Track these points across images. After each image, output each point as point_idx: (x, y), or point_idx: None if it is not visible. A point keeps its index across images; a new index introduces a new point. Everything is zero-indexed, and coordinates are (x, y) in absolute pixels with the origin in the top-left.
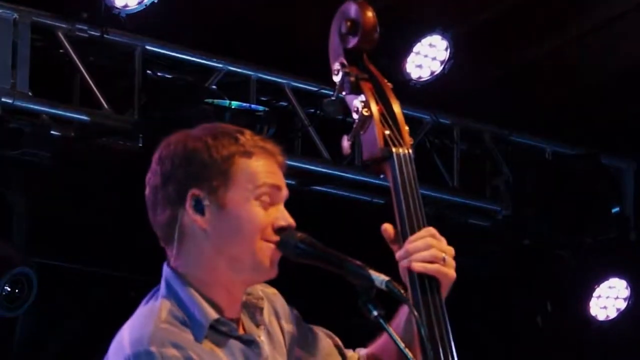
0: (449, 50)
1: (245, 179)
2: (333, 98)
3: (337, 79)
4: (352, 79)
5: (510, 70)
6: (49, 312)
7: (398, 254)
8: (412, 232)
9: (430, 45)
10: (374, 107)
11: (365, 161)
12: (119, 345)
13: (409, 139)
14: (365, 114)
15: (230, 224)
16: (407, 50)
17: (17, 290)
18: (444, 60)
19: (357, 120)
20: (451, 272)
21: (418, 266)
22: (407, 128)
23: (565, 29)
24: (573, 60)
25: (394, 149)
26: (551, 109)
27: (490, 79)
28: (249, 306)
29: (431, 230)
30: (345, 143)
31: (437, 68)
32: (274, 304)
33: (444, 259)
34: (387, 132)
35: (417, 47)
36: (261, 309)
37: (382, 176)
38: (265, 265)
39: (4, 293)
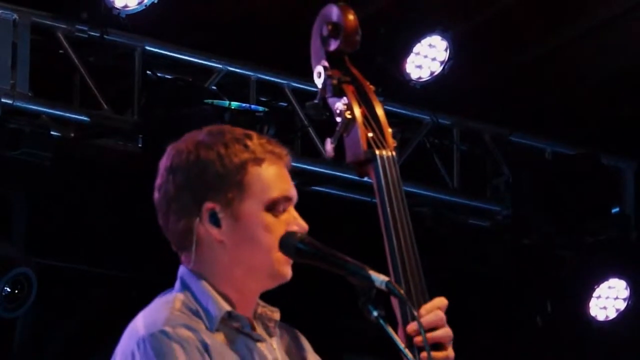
0: (448, 51)
1: (259, 190)
2: (316, 101)
3: (319, 82)
4: (335, 81)
5: (509, 70)
6: (49, 312)
7: (410, 327)
8: (397, 235)
9: (430, 45)
10: (357, 110)
11: (349, 164)
12: (133, 330)
13: (392, 141)
14: (348, 116)
15: (247, 236)
16: (407, 50)
17: (17, 291)
18: (444, 60)
19: (340, 123)
20: (452, 355)
21: (436, 355)
22: (390, 130)
23: (565, 29)
24: (573, 61)
25: (377, 151)
26: (551, 109)
27: (490, 80)
28: (264, 317)
29: (444, 302)
30: (329, 146)
31: (437, 68)
32: (298, 343)
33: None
34: (370, 134)
35: (417, 48)
36: (276, 321)
37: (365, 178)
38: (281, 273)
39: (4, 293)
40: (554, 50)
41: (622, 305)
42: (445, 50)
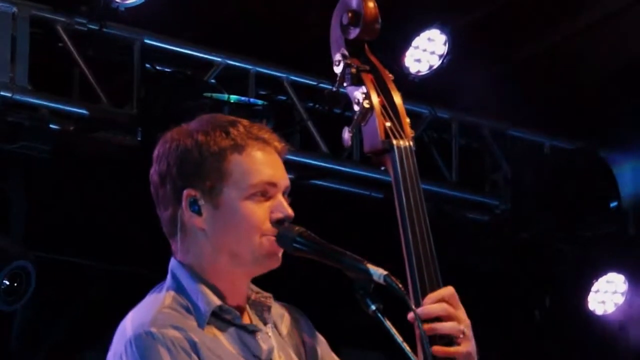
0: (447, 45)
1: (238, 178)
2: (334, 89)
3: (338, 70)
4: (353, 70)
5: (509, 64)
6: (47, 305)
7: (409, 315)
8: (413, 225)
9: (429, 39)
10: (375, 99)
11: (366, 153)
12: (122, 331)
13: (410, 131)
14: (366, 105)
15: (227, 223)
16: (406, 44)
17: (15, 284)
18: (443, 54)
19: (358, 112)
20: (469, 348)
21: (437, 349)
22: (408, 120)
23: (565, 23)
24: (572, 55)
25: (394, 141)
26: (550, 103)
27: (489, 74)
28: (257, 304)
29: (450, 291)
30: (346, 135)
31: (436, 62)
32: (298, 320)
33: (463, 333)
34: (388, 124)
35: (416, 41)
36: (269, 307)
37: (382, 168)
38: (265, 259)
39: (2, 287)
40: (553, 45)
41: (620, 300)
42: (444, 44)
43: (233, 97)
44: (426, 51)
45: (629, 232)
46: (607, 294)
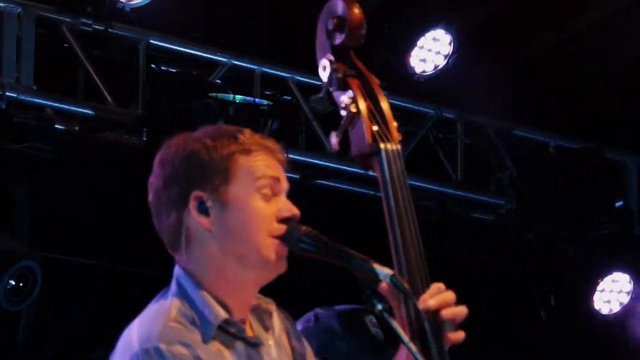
0: (452, 45)
1: (245, 173)
2: (321, 95)
3: (324, 75)
4: (340, 75)
5: (514, 64)
6: (53, 305)
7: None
8: (402, 228)
9: (434, 39)
10: (362, 103)
11: (354, 157)
12: (128, 342)
13: (397, 135)
14: (353, 110)
15: (235, 220)
16: (411, 44)
17: (21, 284)
18: (448, 54)
19: (345, 117)
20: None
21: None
22: (395, 124)
23: (569, 23)
24: (577, 55)
25: (382, 145)
26: (555, 103)
27: (494, 73)
28: (259, 310)
29: (440, 287)
30: (334, 139)
31: (441, 62)
32: (286, 323)
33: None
34: (375, 127)
35: (421, 41)
36: (270, 314)
37: (369, 171)
38: (272, 261)
39: (8, 287)
40: (558, 44)
41: (625, 299)
42: (449, 44)
43: (238, 97)
44: (431, 51)
45: (634, 231)
46: (612, 294)
